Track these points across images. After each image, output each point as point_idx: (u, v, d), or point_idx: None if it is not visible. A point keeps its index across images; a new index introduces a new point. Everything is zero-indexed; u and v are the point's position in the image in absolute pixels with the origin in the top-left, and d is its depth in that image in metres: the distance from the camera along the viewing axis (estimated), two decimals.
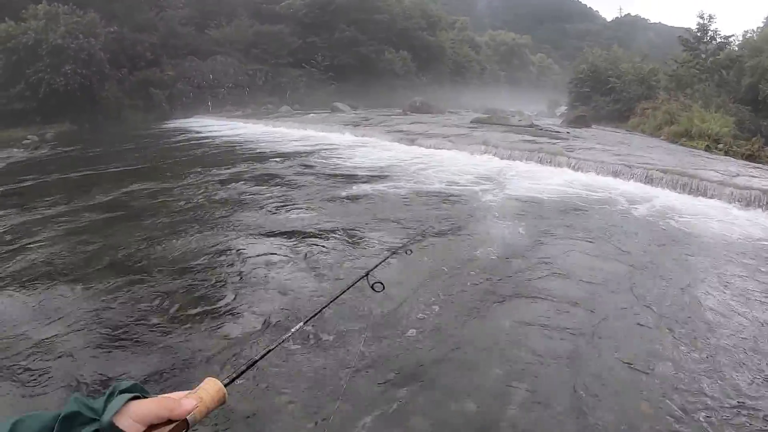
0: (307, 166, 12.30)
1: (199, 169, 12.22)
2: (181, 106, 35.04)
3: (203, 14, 42.96)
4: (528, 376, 3.63)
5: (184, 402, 0.98)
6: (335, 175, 11.05)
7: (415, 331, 4.21)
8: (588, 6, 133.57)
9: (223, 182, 10.58)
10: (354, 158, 13.47)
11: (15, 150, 18.83)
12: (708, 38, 24.79)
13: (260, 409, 3.23)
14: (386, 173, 11.22)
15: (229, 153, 15.40)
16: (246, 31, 42.70)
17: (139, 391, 0.95)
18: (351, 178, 10.68)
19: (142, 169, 13.28)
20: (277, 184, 10.21)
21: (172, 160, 14.78)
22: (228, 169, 12.19)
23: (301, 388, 3.45)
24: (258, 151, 15.52)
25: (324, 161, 13.07)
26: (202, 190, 9.83)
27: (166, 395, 0.99)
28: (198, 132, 22.99)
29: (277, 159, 13.66)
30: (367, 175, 10.98)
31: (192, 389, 1.06)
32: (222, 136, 20.44)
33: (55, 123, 28.03)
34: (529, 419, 3.19)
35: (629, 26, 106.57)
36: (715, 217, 8.12)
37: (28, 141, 21.15)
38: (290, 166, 12.35)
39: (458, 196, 9.16)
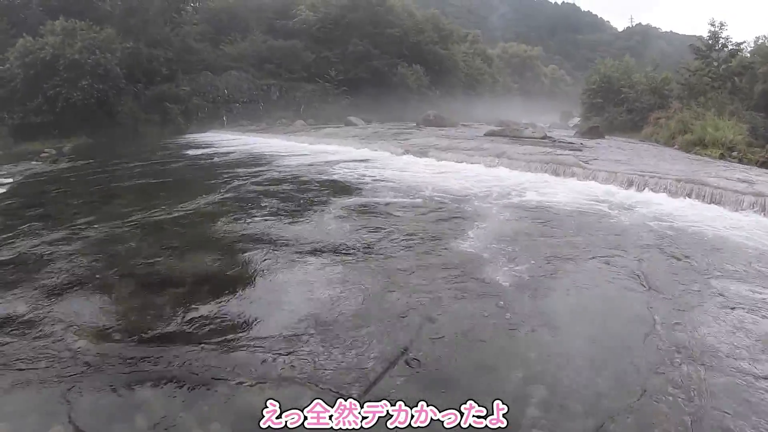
0: (327, 183, 12.15)
1: (220, 183, 12.19)
2: (196, 120, 35.63)
3: (218, 30, 43.74)
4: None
5: None
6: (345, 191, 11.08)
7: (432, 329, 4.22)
8: (599, 16, 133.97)
9: (245, 197, 10.46)
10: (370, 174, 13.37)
11: (33, 163, 19.16)
12: (720, 46, 24.53)
13: None
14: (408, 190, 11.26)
15: (249, 168, 15.19)
16: (260, 46, 43.36)
17: None
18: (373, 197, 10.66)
19: (162, 183, 13.37)
20: (304, 200, 9.99)
21: (191, 173, 14.91)
22: (250, 183, 12.04)
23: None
24: (277, 165, 15.53)
25: (332, 177, 13.11)
26: (223, 204, 9.78)
27: None
28: (214, 146, 23.24)
29: (303, 174, 13.30)
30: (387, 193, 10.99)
31: None
32: (239, 151, 20.60)
33: (72, 136, 28.60)
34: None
35: (641, 36, 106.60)
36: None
37: (45, 154, 21.50)
38: (315, 182, 12.13)
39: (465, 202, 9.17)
